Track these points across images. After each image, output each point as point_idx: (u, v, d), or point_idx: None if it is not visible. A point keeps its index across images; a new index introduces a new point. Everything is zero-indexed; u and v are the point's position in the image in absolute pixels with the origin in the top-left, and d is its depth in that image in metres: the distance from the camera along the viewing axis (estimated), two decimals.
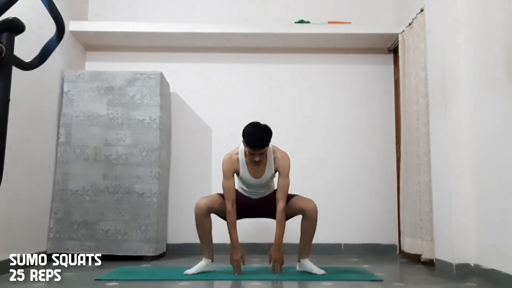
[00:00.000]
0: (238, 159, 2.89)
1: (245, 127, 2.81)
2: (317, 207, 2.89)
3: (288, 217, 2.95)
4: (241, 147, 2.93)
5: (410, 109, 3.55)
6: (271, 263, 2.85)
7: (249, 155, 2.83)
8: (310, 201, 2.89)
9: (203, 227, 2.88)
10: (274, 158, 2.90)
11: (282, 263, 2.84)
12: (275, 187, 3.01)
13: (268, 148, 2.88)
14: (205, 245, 2.93)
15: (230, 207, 2.83)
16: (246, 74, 4.43)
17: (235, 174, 2.93)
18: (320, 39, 4.23)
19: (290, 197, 2.94)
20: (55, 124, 3.74)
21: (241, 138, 2.83)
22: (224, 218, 2.99)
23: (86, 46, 4.40)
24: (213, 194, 3.05)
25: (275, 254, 2.83)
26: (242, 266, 2.86)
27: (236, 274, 2.81)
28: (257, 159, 2.78)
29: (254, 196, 3.01)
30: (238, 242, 2.85)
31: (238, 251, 2.83)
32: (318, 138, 4.34)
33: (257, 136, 2.74)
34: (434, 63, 3.07)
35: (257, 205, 3.01)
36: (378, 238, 4.18)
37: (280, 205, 2.84)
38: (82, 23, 4.09)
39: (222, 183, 2.88)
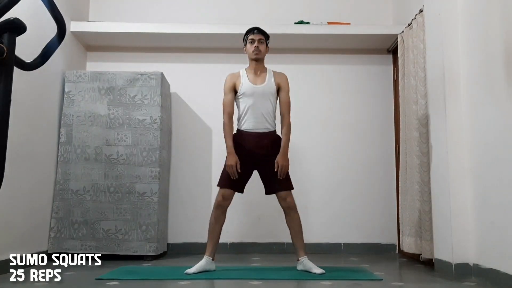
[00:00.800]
0: (239, 73, 3.12)
1: None
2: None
3: (271, 192, 3.04)
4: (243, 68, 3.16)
5: (409, 109, 3.56)
6: (277, 169, 2.95)
7: (249, 46, 3.07)
8: (289, 196, 2.97)
9: (217, 221, 2.97)
10: (274, 74, 3.13)
11: (287, 169, 2.98)
12: (276, 129, 3.08)
13: (267, 67, 3.14)
14: (211, 241, 2.96)
15: (227, 119, 3.04)
16: None
17: (235, 109, 3.09)
18: (320, 39, 4.24)
19: (284, 187, 2.97)
20: (56, 124, 3.75)
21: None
22: (237, 190, 3.01)
23: (87, 46, 4.42)
24: (220, 191, 3.00)
25: (282, 160, 2.97)
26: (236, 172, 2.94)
27: (232, 178, 2.93)
28: (256, 44, 3.04)
29: (256, 129, 3.00)
30: (233, 149, 2.96)
31: (233, 157, 2.94)
32: (317, 138, 4.35)
33: (255, 27, 3.13)
34: (433, 63, 3.08)
35: (258, 156, 3.00)
36: (377, 237, 4.19)
37: (286, 120, 3.09)
38: (83, 23, 4.10)
39: (223, 100, 3.10)
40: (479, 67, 2.74)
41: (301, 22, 4.25)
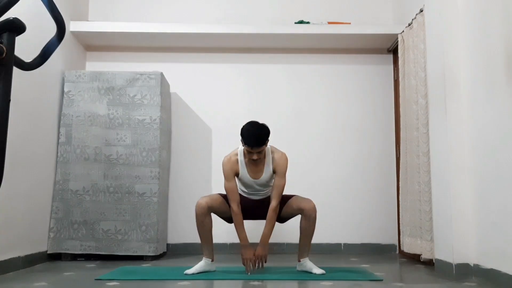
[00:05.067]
0: (237, 160, 2.92)
1: (243, 126, 2.83)
2: (317, 206, 2.90)
3: (288, 217, 3.01)
4: (240, 148, 2.95)
5: (409, 109, 3.56)
6: (255, 259, 2.85)
7: (247, 154, 2.85)
8: (309, 200, 2.90)
9: (204, 226, 2.89)
10: (272, 158, 2.92)
11: (265, 261, 2.89)
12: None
13: (267, 148, 2.90)
14: (205, 244, 2.94)
15: (236, 208, 2.86)
16: (246, 74, 4.44)
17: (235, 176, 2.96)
18: (320, 39, 4.23)
19: (289, 197, 2.97)
20: (56, 124, 3.75)
21: (240, 138, 2.84)
22: (225, 218, 3.03)
23: (86, 46, 4.41)
24: (214, 193, 3.06)
25: (261, 250, 2.86)
26: (254, 266, 2.86)
27: (248, 273, 2.82)
28: (255, 157, 2.80)
29: (254, 197, 3.02)
30: (248, 241, 2.87)
31: (248, 250, 2.85)
32: (317, 138, 4.34)
33: (255, 135, 2.75)
34: (434, 63, 3.08)
35: (257, 207, 3.01)
36: (378, 238, 4.18)
37: (273, 204, 2.87)
38: (83, 23, 4.09)
39: (224, 185, 2.89)
40: (480, 67, 2.73)
41: (301, 22, 4.24)
